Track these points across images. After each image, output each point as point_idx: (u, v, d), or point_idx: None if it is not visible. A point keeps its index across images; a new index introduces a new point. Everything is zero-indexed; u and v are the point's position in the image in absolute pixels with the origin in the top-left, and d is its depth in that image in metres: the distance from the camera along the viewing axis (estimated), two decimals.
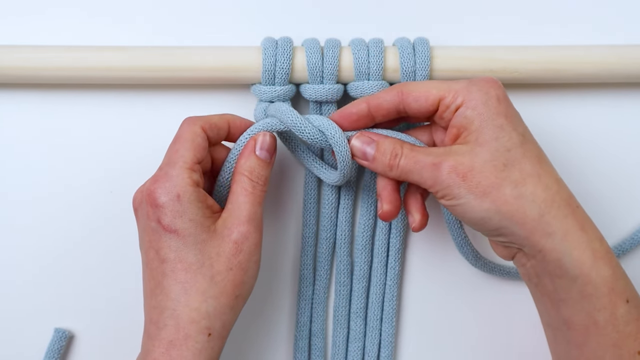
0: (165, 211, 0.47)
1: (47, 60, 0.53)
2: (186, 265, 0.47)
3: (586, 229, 0.46)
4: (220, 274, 0.48)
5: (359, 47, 0.54)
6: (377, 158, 0.49)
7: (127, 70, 0.54)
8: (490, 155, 0.46)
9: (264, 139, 0.51)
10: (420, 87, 0.49)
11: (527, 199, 0.46)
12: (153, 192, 0.47)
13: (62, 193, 0.57)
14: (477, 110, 0.47)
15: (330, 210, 0.57)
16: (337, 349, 0.58)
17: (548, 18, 0.59)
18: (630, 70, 0.56)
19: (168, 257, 0.47)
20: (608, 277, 0.46)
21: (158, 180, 0.48)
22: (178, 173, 0.48)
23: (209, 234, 0.48)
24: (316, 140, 0.50)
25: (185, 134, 0.49)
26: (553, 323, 0.49)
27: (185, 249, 0.47)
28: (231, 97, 0.57)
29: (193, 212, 0.48)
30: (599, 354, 0.46)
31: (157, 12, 0.58)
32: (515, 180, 0.46)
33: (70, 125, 0.57)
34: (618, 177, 0.59)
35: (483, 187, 0.46)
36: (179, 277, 0.47)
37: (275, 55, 0.53)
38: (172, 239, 0.47)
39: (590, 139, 0.59)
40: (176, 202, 0.47)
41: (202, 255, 0.47)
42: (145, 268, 0.49)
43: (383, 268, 0.57)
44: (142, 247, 0.49)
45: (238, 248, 0.48)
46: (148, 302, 0.48)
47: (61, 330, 0.57)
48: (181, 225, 0.47)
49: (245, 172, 0.50)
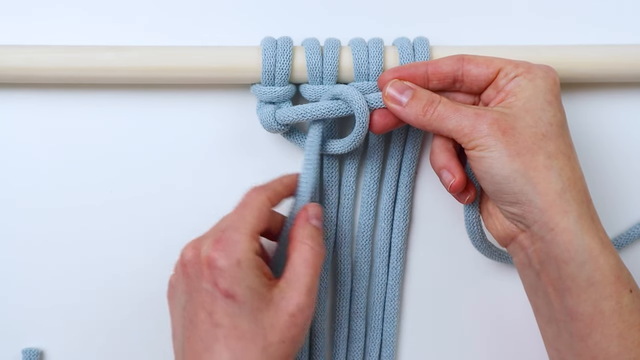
0: (224, 275, 0.46)
1: (47, 60, 0.53)
2: (240, 332, 0.46)
3: (595, 220, 0.47)
4: (273, 346, 0.46)
5: (359, 47, 0.54)
6: (411, 104, 0.50)
7: (126, 71, 0.54)
8: (534, 122, 0.48)
9: (315, 209, 0.51)
10: (481, 57, 0.50)
11: (555, 172, 0.47)
12: (213, 253, 0.46)
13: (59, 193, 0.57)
14: (534, 82, 0.48)
15: (330, 210, 0.57)
16: (337, 349, 0.58)
17: (548, 18, 0.59)
18: (629, 71, 0.56)
19: (222, 323, 0.46)
20: (614, 265, 0.46)
21: (220, 242, 0.47)
22: (241, 239, 0.47)
23: (265, 303, 0.47)
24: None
25: (253, 202, 0.49)
26: (555, 315, 0.48)
27: (240, 316, 0.46)
28: (231, 97, 0.57)
29: (251, 279, 0.46)
30: (604, 345, 0.46)
31: (157, 12, 0.58)
32: (549, 152, 0.47)
33: (70, 125, 0.57)
34: (618, 177, 0.59)
35: (519, 147, 0.47)
36: (231, 345, 0.45)
37: (275, 55, 0.53)
38: (229, 304, 0.46)
39: (590, 139, 0.59)
40: (236, 267, 0.46)
41: (256, 324, 0.46)
42: (192, 328, 0.47)
43: (385, 268, 0.57)
44: (190, 307, 0.48)
45: (294, 321, 0.47)
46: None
47: (30, 350, 0.56)
48: (239, 291, 0.46)
49: (307, 240, 0.50)
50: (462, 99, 0.52)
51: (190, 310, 0.47)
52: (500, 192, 0.48)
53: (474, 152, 0.48)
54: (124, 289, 0.58)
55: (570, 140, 0.49)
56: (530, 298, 0.51)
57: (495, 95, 0.50)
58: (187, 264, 0.48)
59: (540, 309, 0.50)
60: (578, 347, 0.47)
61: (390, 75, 0.51)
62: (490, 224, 0.52)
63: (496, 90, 0.50)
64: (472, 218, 0.54)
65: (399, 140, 0.56)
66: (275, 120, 0.54)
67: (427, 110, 0.49)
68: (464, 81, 0.51)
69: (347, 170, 0.56)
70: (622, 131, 0.59)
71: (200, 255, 0.47)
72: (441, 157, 0.51)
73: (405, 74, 0.51)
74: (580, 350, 0.47)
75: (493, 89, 0.50)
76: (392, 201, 0.57)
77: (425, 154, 0.58)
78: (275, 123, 0.54)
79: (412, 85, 0.51)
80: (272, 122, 0.54)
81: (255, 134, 0.56)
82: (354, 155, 0.56)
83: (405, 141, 0.56)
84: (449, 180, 0.51)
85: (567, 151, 0.48)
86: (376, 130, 0.53)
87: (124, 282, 0.57)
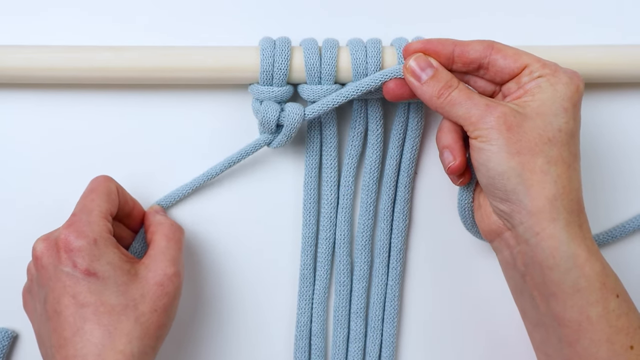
0: (82, 254, 0.47)
1: (47, 60, 0.53)
2: (109, 307, 0.47)
3: (583, 228, 0.47)
4: (145, 316, 0.48)
5: (357, 47, 0.54)
6: (429, 82, 0.49)
7: (126, 71, 0.54)
8: (543, 125, 0.47)
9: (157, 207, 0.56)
10: (511, 49, 0.50)
11: (551, 178, 0.46)
12: (68, 236, 0.48)
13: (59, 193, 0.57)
14: (556, 87, 0.47)
15: (330, 210, 0.57)
16: (337, 349, 0.58)
17: (547, 18, 0.59)
18: (629, 71, 0.55)
19: (88, 301, 0.47)
20: (600, 271, 0.46)
21: (73, 224, 0.48)
22: (94, 220, 0.49)
23: (130, 277, 0.48)
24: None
25: (101, 187, 0.51)
26: (543, 320, 0.48)
27: (106, 292, 0.47)
28: (229, 97, 0.57)
29: (110, 256, 0.48)
30: (593, 350, 0.46)
31: (157, 12, 0.58)
32: (550, 157, 0.47)
33: (69, 126, 0.57)
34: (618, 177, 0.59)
35: (520, 146, 0.46)
36: (103, 321, 0.46)
37: (274, 55, 0.53)
38: (92, 282, 0.47)
39: (589, 138, 0.59)
40: (93, 245, 0.48)
41: (125, 297, 0.48)
42: (56, 318, 0.47)
43: (384, 268, 0.57)
44: (51, 298, 0.48)
45: (163, 290, 0.49)
46: (63, 353, 0.47)
47: (5, 330, 0.57)
48: (99, 267, 0.47)
49: (162, 219, 0.53)
50: (483, 86, 0.51)
51: (52, 301, 0.48)
52: (492, 186, 0.48)
53: (476, 142, 0.48)
54: None
55: (576, 150, 0.48)
56: (516, 301, 0.51)
57: (515, 90, 0.49)
58: (40, 257, 0.49)
59: (527, 313, 0.50)
60: (567, 352, 0.47)
61: (417, 45, 0.51)
62: (478, 216, 0.52)
63: (517, 85, 0.49)
64: (464, 203, 0.54)
65: (397, 141, 0.56)
66: (277, 120, 0.54)
67: (442, 94, 0.49)
68: (489, 70, 0.50)
69: (346, 171, 0.56)
70: (622, 131, 0.59)
71: (54, 243, 0.48)
72: (447, 137, 0.51)
73: (431, 49, 0.50)
74: (570, 355, 0.47)
75: (515, 84, 0.49)
76: (392, 201, 0.57)
77: (424, 155, 0.58)
78: (275, 122, 0.54)
79: (435, 64, 0.50)
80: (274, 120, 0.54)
81: (254, 134, 0.56)
82: (353, 155, 0.56)
83: (404, 141, 0.56)
84: (449, 162, 0.51)
85: (569, 160, 0.47)
86: (389, 97, 0.52)
87: None
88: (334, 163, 0.56)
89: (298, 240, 0.58)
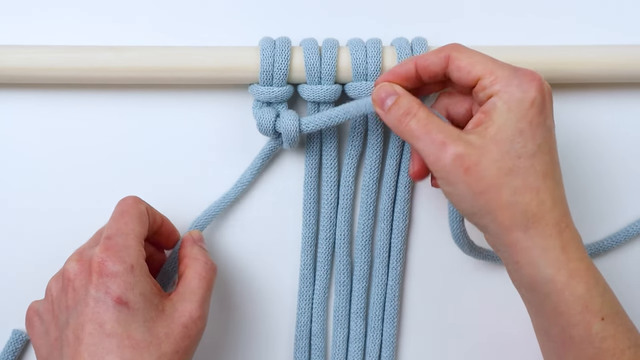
0: (117, 281, 0.45)
1: (47, 60, 0.53)
2: (134, 342, 0.44)
3: (567, 249, 0.45)
4: (167, 356, 0.45)
5: (357, 47, 0.54)
6: (392, 109, 0.48)
7: (126, 71, 0.54)
8: (500, 157, 0.45)
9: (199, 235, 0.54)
10: (466, 58, 0.47)
11: (520, 209, 0.45)
12: (105, 260, 0.45)
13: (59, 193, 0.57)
14: (509, 105, 0.45)
15: (330, 210, 0.57)
16: (337, 349, 0.58)
17: (547, 18, 0.59)
18: (629, 71, 0.55)
19: (115, 332, 0.44)
20: (582, 295, 0.44)
21: (110, 248, 0.46)
22: (131, 244, 0.47)
23: (157, 313, 0.46)
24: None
25: (132, 209, 0.49)
26: (537, 329, 0.49)
27: (134, 325, 0.45)
28: (229, 97, 0.57)
29: (144, 286, 0.46)
30: None
31: (157, 12, 0.58)
32: (514, 187, 0.45)
33: (69, 126, 0.57)
34: (618, 178, 0.59)
35: (483, 185, 0.45)
36: (125, 355, 0.44)
37: (274, 55, 0.53)
38: (122, 311, 0.45)
39: (590, 138, 0.59)
40: (130, 273, 0.45)
41: (150, 334, 0.45)
42: (77, 344, 0.44)
43: (384, 268, 0.57)
44: (74, 323, 0.45)
45: (187, 333, 0.47)
46: None
47: (19, 332, 0.57)
48: (132, 297, 0.45)
49: (199, 255, 0.51)
50: (459, 99, 0.50)
51: (75, 326, 0.45)
52: (471, 221, 0.47)
53: (440, 183, 0.47)
54: None
55: (544, 167, 0.46)
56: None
57: (478, 108, 0.48)
58: (74, 279, 0.46)
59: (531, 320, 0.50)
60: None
61: (382, 78, 0.50)
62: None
63: (477, 102, 0.48)
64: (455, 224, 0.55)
65: (397, 141, 0.56)
66: (274, 127, 0.54)
67: (401, 121, 0.47)
68: (452, 83, 0.49)
69: (346, 171, 0.56)
70: (623, 131, 0.59)
71: (87, 265, 0.46)
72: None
73: (396, 77, 0.49)
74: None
75: (476, 99, 0.48)
76: (392, 201, 0.57)
77: None
78: (272, 129, 0.54)
79: (400, 91, 0.49)
80: (271, 127, 0.54)
81: (254, 134, 0.56)
82: (353, 155, 0.56)
83: (404, 141, 0.56)
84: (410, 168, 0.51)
85: (537, 183, 0.45)
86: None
87: None
88: (334, 163, 0.56)
89: (298, 240, 0.58)
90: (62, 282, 0.47)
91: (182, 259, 0.51)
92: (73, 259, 0.47)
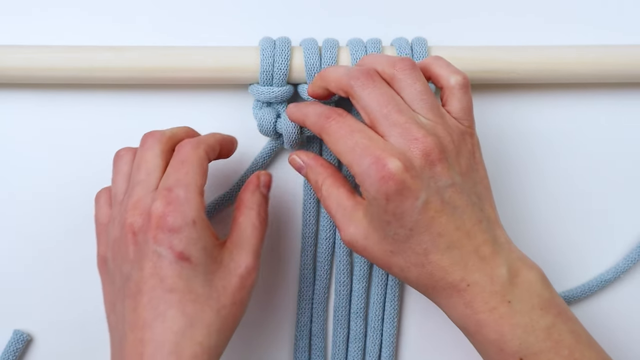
0: (180, 236, 0.44)
1: (47, 60, 0.53)
2: (195, 296, 0.45)
3: (473, 304, 0.46)
4: (226, 308, 0.46)
5: (357, 47, 0.54)
6: (309, 179, 0.51)
7: (125, 71, 0.54)
8: (380, 240, 0.46)
9: (267, 178, 0.52)
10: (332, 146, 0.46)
11: (413, 282, 0.47)
12: (167, 214, 0.45)
13: (60, 193, 0.57)
14: (369, 200, 0.45)
15: None
16: (337, 349, 0.58)
17: (547, 18, 0.59)
18: (629, 71, 0.55)
19: (177, 287, 0.44)
20: (495, 340, 0.45)
21: (171, 203, 0.45)
22: (192, 197, 0.46)
23: (216, 266, 0.46)
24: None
25: (192, 157, 0.47)
26: None
27: (195, 279, 0.45)
28: (229, 97, 0.57)
29: (205, 240, 0.46)
30: None
31: (157, 12, 0.58)
32: (400, 266, 0.46)
33: (69, 126, 0.57)
34: (619, 178, 0.59)
35: (377, 263, 0.47)
36: (187, 309, 0.44)
37: (274, 55, 0.53)
38: (184, 267, 0.45)
39: (590, 138, 0.59)
40: (192, 228, 0.45)
41: (210, 287, 0.46)
42: (139, 297, 0.45)
43: None
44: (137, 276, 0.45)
45: (243, 283, 0.47)
46: (138, 334, 0.44)
47: (20, 332, 0.57)
48: (195, 253, 0.45)
49: (254, 205, 0.50)
50: None
51: (137, 279, 0.45)
52: None
53: None
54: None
55: (423, 245, 0.45)
56: None
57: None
58: (138, 232, 0.46)
59: None
60: None
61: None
62: None
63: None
64: None
65: None
66: (274, 128, 0.54)
67: (317, 189, 0.50)
68: None
69: (346, 170, 0.56)
70: (623, 131, 0.59)
71: (147, 219, 0.45)
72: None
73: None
74: None
75: None
76: None
77: None
78: (273, 130, 0.54)
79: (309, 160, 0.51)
80: (271, 128, 0.54)
81: (254, 134, 0.56)
82: None
83: None
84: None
85: (420, 260, 0.45)
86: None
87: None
88: (334, 162, 0.56)
89: (298, 240, 0.58)
90: (124, 233, 0.46)
91: (239, 203, 0.50)
92: (135, 213, 0.46)
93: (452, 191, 0.45)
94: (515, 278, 0.46)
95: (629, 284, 0.60)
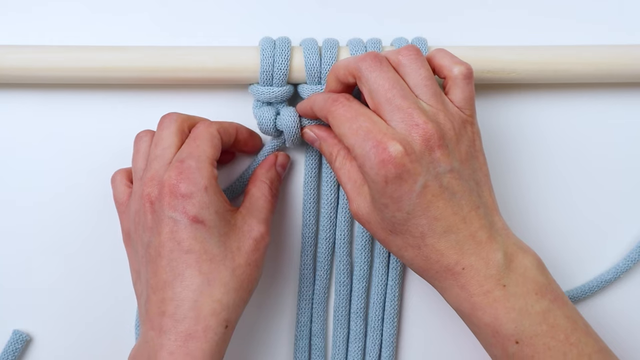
0: (193, 202, 0.47)
1: (47, 60, 0.53)
2: (210, 256, 0.48)
3: (468, 287, 0.47)
4: (240, 268, 0.49)
5: (357, 47, 0.54)
6: (323, 151, 0.53)
7: (125, 71, 0.54)
8: (380, 219, 0.48)
9: (284, 158, 0.55)
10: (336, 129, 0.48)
11: (408, 262, 0.49)
12: (179, 182, 0.48)
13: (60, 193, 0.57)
14: (369, 183, 0.47)
15: (330, 210, 0.57)
16: (337, 349, 0.58)
17: (547, 18, 0.59)
18: (629, 71, 0.55)
19: (193, 248, 0.47)
20: (490, 322, 0.46)
21: (183, 172, 0.48)
22: (203, 166, 0.49)
23: (230, 228, 0.49)
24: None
25: (204, 133, 0.51)
26: None
27: (210, 240, 0.48)
28: (229, 97, 0.57)
29: (218, 204, 0.49)
30: None
31: (157, 11, 0.58)
32: (398, 246, 0.48)
33: (70, 126, 0.57)
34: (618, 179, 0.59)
35: (377, 239, 0.50)
36: (203, 268, 0.47)
37: (274, 55, 0.53)
38: (199, 229, 0.48)
39: (590, 138, 0.59)
40: (204, 193, 0.48)
41: (225, 248, 0.49)
42: (159, 261, 0.48)
43: (384, 268, 0.57)
44: (156, 242, 0.48)
45: (256, 246, 0.50)
46: (159, 295, 0.47)
47: (20, 332, 0.57)
48: (208, 216, 0.48)
49: (267, 180, 0.53)
50: None
51: (156, 244, 0.48)
52: None
53: None
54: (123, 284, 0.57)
55: (420, 229, 0.46)
56: None
57: None
58: (154, 201, 0.49)
59: None
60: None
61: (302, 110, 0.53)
62: None
63: None
64: None
65: None
66: (274, 125, 0.54)
67: (330, 161, 0.52)
68: None
69: None
70: (623, 131, 0.59)
71: (160, 188, 0.48)
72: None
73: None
74: None
75: None
76: None
77: None
78: (273, 128, 0.54)
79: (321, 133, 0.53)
80: (271, 126, 0.54)
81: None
82: None
83: None
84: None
85: (416, 242, 0.47)
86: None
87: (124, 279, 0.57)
88: None
89: (298, 240, 0.58)
90: (142, 204, 0.49)
91: (253, 177, 0.54)
92: (150, 183, 0.49)
93: (451, 177, 0.46)
94: (511, 263, 0.47)
95: (629, 284, 0.60)
